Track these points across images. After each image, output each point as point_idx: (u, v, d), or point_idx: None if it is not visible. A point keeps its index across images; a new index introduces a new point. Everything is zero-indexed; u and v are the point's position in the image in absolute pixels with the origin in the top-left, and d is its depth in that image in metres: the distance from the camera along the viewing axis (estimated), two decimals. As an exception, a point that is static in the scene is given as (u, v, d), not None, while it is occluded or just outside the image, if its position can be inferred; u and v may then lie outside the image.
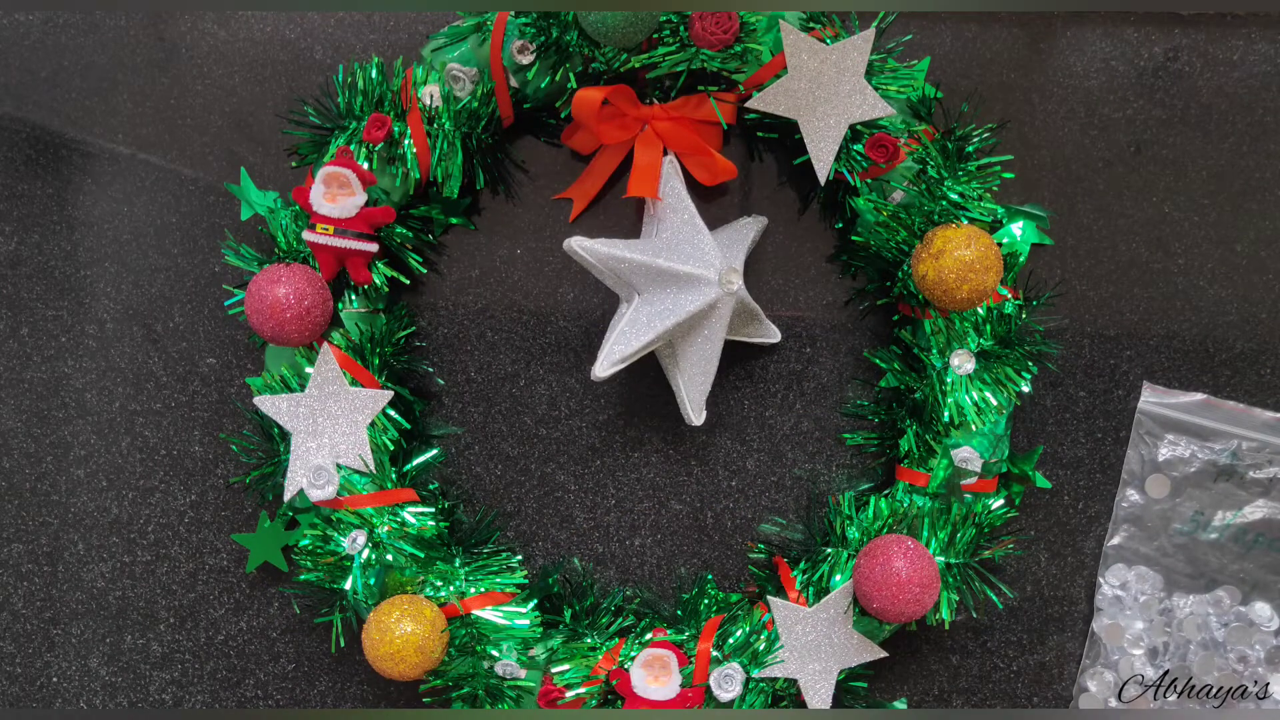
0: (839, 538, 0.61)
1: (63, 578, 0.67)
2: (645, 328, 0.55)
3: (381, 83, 0.58)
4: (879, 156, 0.56)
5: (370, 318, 0.60)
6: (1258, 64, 0.63)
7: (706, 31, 0.55)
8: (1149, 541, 0.64)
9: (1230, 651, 0.63)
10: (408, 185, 0.59)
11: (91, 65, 0.66)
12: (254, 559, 0.64)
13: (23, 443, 0.67)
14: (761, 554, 0.64)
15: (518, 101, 0.60)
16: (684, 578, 0.65)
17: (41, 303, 0.67)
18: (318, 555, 0.59)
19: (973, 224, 0.57)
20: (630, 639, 0.60)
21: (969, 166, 0.58)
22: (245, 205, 0.63)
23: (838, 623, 0.59)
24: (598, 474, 0.66)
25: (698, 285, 0.55)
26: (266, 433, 0.61)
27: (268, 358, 0.61)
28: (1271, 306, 0.64)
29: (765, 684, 0.59)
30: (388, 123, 0.57)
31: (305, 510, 0.61)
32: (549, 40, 0.56)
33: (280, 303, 0.56)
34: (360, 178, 0.56)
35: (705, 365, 0.58)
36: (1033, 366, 0.59)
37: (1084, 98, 0.64)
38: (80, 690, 0.67)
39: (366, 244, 0.57)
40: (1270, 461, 0.63)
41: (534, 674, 0.59)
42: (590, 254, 0.55)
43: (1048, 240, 0.64)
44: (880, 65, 0.57)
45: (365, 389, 0.59)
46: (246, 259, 0.61)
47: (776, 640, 0.59)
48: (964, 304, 0.55)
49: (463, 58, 0.58)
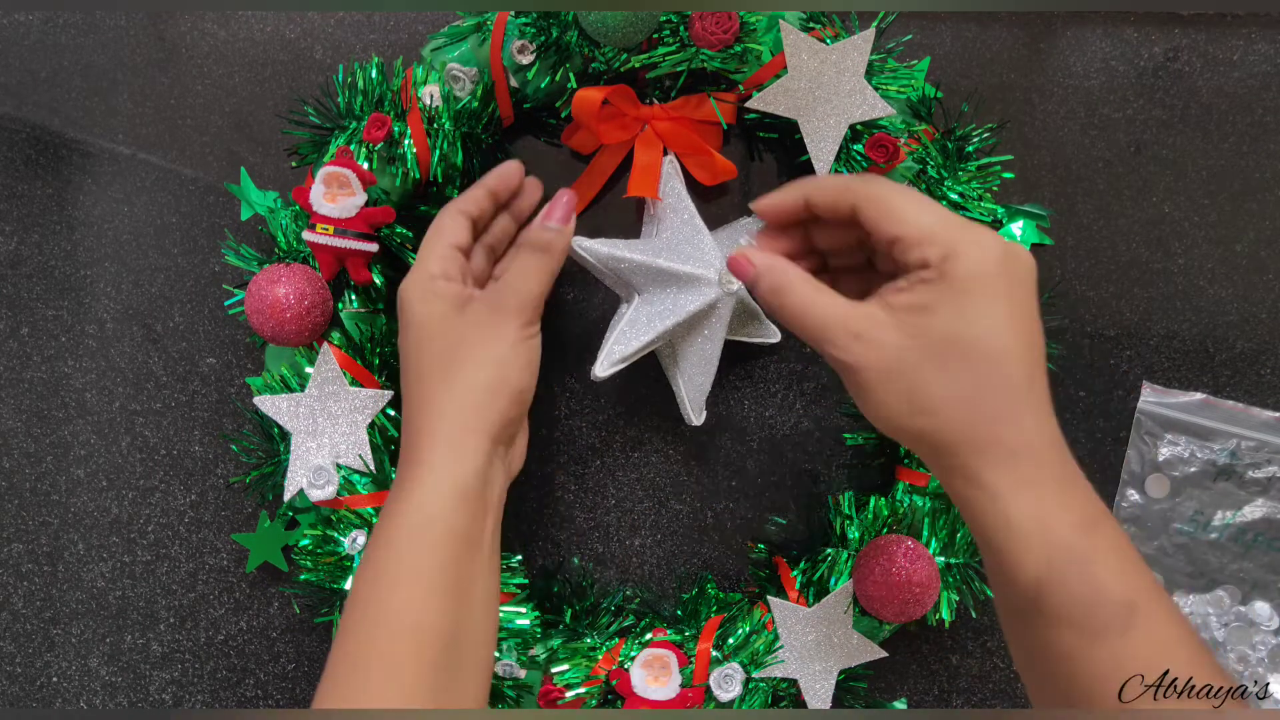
0: (839, 538, 0.61)
1: (63, 578, 0.67)
2: (645, 328, 0.55)
3: (381, 83, 0.58)
4: (879, 157, 0.56)
5: (370, 317, 0.60)
6: (1258, 64, 0.63)
7: (706, 31, 0.55)
8: (1149, 541, 0.64)
9: (1230, 651, 0.63)
10: (407, 185, 0.59)
11: (91, 65, 0.66)
12: (254, 559, 0.64)
13: (23, 443, 0.67)
14: (761, 554, 0.64)
15: (517, 101, 0.60)
16: (684, 577, 0.65)
17: (41, 303, 0.67)
18: (318, 555, 0.59)
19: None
20: (630, 639, 0.60)
21: (969, 166, 0.58)
22: (245, 205, 0.63)
23: (838, 623, 0.59)
24: (598, 474, 0.66)
25: (698, 285, 0.55)
26: (266, 433, 0.61)
27: (268, 357, 0.61)
28: (1271, 306, 0.64)
29: (765, 684, 0.59)
30: (388, 122, 0.57)
31: (305, 510, 0.61)
32: (549, 40, 0.56)
33: (280, 302, 0.56)
34: (360, 178, 0.56)
35: (705, 365, 0.58)
36: None
37: (1084, 98, 0.64)
38: (80, 690, 0.67)
39: (366, 244, 0.57)
40: (1269, 461, 0.63)
41: (534, 674, 0.59)
42: (590, 254, 0.55)
43: (1047, 240, 0.64)
44: (880, 65, 0.57)
45: (365, 389, 0.59)
46: (246, 259, 0.61)
47: (776, 640, 0.59)
48: None
49: (463, 58, 0.58)
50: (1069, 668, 0.41)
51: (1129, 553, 0.42)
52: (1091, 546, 0.41)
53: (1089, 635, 0.40)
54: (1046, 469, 0.42)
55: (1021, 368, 0.42)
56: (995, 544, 0.42)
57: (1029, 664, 0.44)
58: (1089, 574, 0.40)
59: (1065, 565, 0.41)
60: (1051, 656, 0.42)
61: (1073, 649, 0.41)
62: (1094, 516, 0.42)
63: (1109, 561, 0.41)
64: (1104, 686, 0.40)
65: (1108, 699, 0.40)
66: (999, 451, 0.42)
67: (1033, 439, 0.42)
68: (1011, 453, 0.42)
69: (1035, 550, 0.41)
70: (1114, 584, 0.40)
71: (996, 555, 0.43)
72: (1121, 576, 0.41)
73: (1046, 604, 0.41)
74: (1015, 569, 0.42)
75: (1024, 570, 0.41)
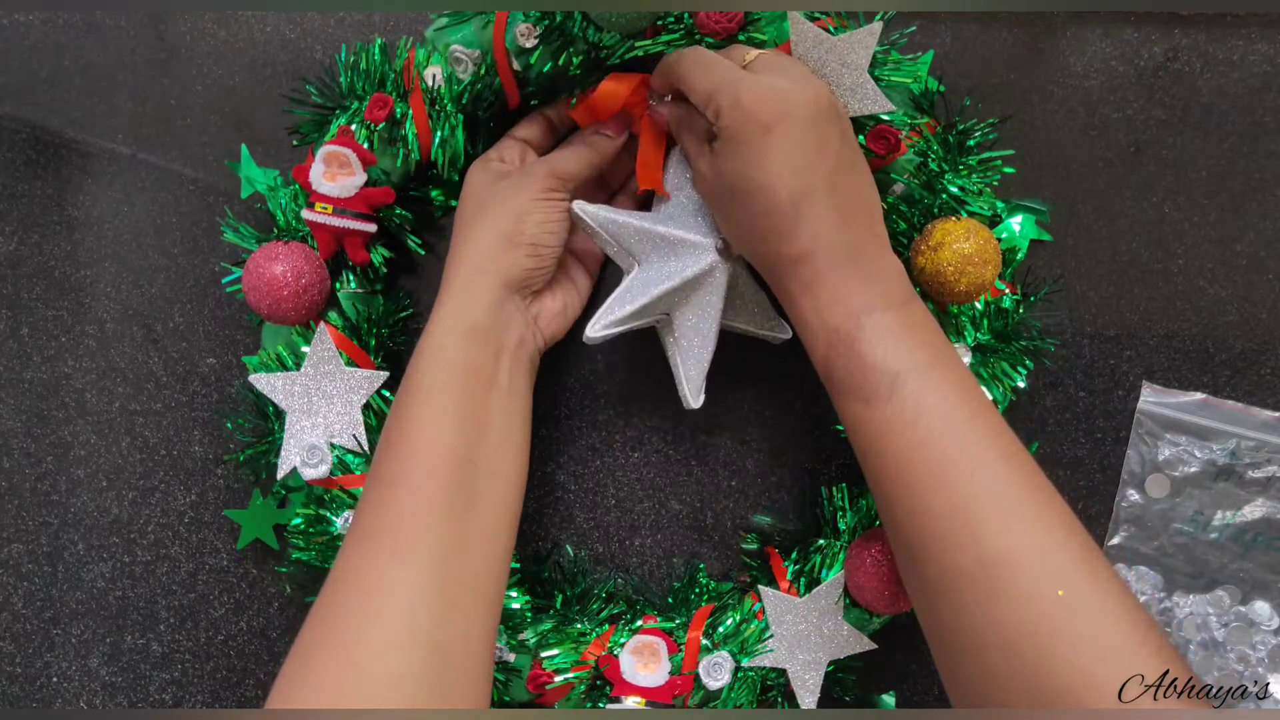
0: (831, 529, 0.61)
1: (63, 578, 0.67)
2: (641, 292, 0.55)
3: (384, 63, 0.58)
4: (880, 148, 0.56)
5: (367, 298, 0.60)
6: (1258, 64, 0.63)
7: (711, 20, 0.55)
8: (1149, 541, 0.64)
9: (1230, 651, 0.64)
10: (408, 166, 0.58)
11: (91, 65, 0.66)
12: (245, 535, 0.64)
13: (23, 443, 0.67)
14: (754, 544, 0.64)
15: (520, 84, 0.60)
16: (676, 566, 0.65)
17: (41, 303, 0.67)
18: (309, 535, 0.59)
19: (972, 218, 0.57)
20: (620, 625, 0.60)
21: (970, 160, 0.58)
22: (245, 183, 0.63)
23: (828, 614, 0.59)
24: (598, 474, 0.66)
25: (695, 251, 0.55)
26: (261, 410, 0.61)
27: (264, 336, 0.61)
28: (1271, 306, 0.64)
29: (754, 673, 0.59)
30: (389, 103, 0.57)
31: (297, 489, 0.61)
32: (553, 25, 0.56)
33: (277, 280, 0.56)
34: (360, 157, 0.56)
35: (702, 339, 0.57)
36: (1029, 362, 0.59)
37: (1084, 98, 0.64)
38: (80, 690, 0.67)
39: (365, 224, 0.58)
40: (1269, 460, 0.63)
41: (523, 658, 0.59)
42: (591, 218, 0.55)
43: (1047, 236, 0.64)
44: (884, 58, 0.57)
45: (361, 369, 0.59)
46: (245, 236, 0.61)
47: (766, 630, 0.59)
48: (962, 297, 0.55)
49: (465, 40, 0.57)
50: (855, 431, 0.50)
51: (905, 332, 0.49)
52: (860, 329, 0.48)
53: (862, 401, 0.48)
54: (824, 272, 0.49)
55: (785, 194, 0.49)
56: (801, 339, 0.52)
57: (851, 444, 0.51)
58: (856, 352, 0.48)
59: (839, 346, 0.49)
60: (847, 425, 0.50)
61: (856, 416, 0.49)
62: (871, 303, 0.49)
63: (875, 340, 0.48)
64: (878, 445, 0.48)
65: (885, 453, 0.48)
66: (783, 263, 0.50)
67: (809, 247, 0.49)
68: (791, 261, 0.50)
69: (820, 337, 0.50)
70: (878, 358, 0.48)
71: (807, 349, 0.52)
72: (887, 351, 0.48)
73: (831, 380, 0.50)
74: (812, 355, 0.51)
75: (815, 356, 0.51)
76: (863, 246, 0.50)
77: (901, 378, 0.47)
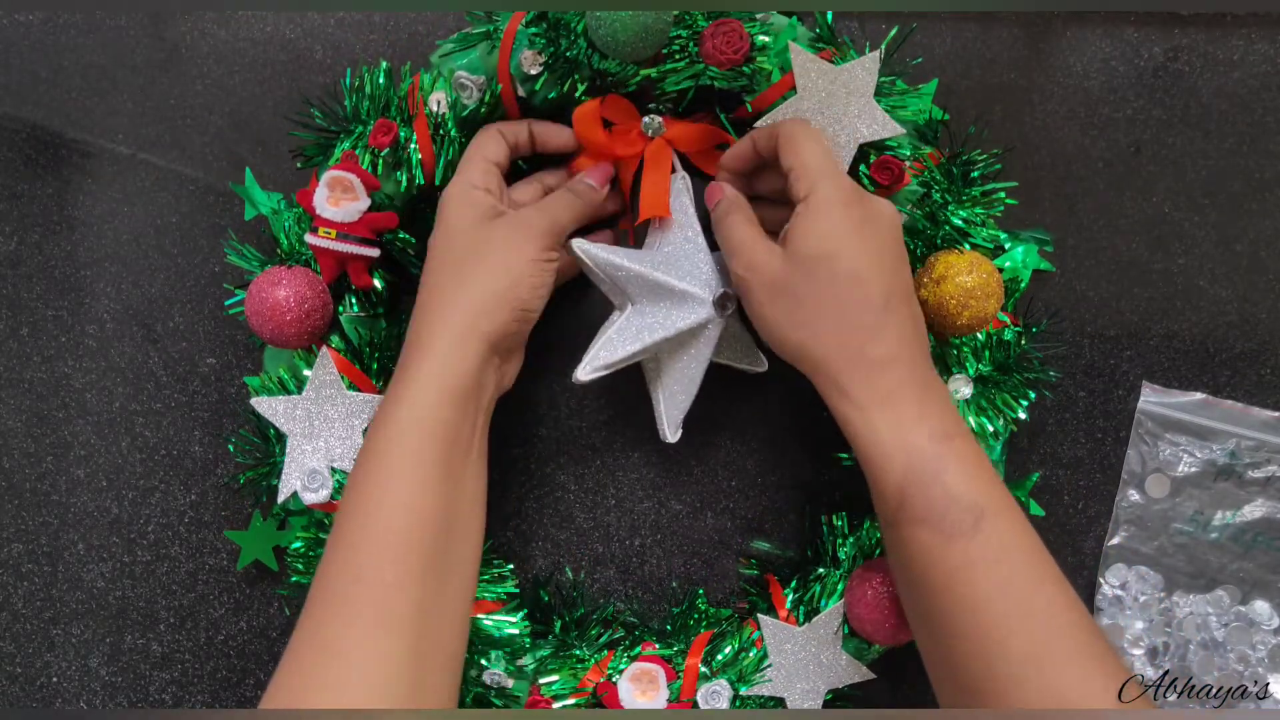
0: (831, 558, 0.61)
1: (63, 578, 0.67)
2: (633, 338, 0.55)
3: (389, 88, 0.58)
4: (883, 178, 0.56)
5: (370, 322, 0.60)
6: (1258, 64, 0.63)
7: (717, 50, 0.55)
8: (1149, 541, 0.64)
9: (1230, 651, 0.63)
10: (411, 190, 0.58)
11: (91, 65, 0.66)
12: (245, 556, 0.64)
13: (23, 443, 0.67)
14: (753, 570, 0.64)
15: (525, 111, 0.60)
16: (675, 591, 0.65)
17: (41, 303, 0.67)
18: (310, 559, 0.59)
19: (975, 250, 0.56)
20: (619, 652, 0.60)
21: (973, 191, 0.57)
22: (249, 205, 0.63)
23: (827, 644, 0.59)
24: (598, 474, 0.66)
25: (691, 303, 0.55)
26: (263, 433, 0.61)
27: (266, 359, 0.61)
28: (1271, 306, 0.64)
29: (752, 702, 0.59)
30: (394, 129, 0.57)
31: (298, 513, 0.61)
32: (558, 52, 0.56)
33: (280, 305, 0.56)
34: (364, 183, 0.56)
35: (687, 384, 0.58)
36: (1030, 394, 0.59)
37: (1084, 98, 0.64)
38: (80, 690, 0.67)
39: (368, 249, 0.57)
40: (1269, 460, 0.63)
41: (521, 684, 0.59)
42: (588, 257, 0.55)
43: (1049, 266, 0.63)
44: (889, 87, 0.56)
45: (362, 394, 0.59)
46: (248, 259, 0.61)
47: (765, 658, 0.59)
48: (964, 330, 0.55)
49: (471, 66, 0.58)
50: (925, 563, 0.46)
51: (982, 463, 0.47)
52: (945, 455, 0.46)
53: (943, 535, 0.45)
54: (908, 383, 0.47)
55: (878, 289, 0.48)
56: (865, 453, 0.48)
57: (899, 565, 0.49)
58: (943, 480, 0.45)
59: (922, 471, 0.46)
60: (914, 554, 0.47)
61: (929, 547, 0.46)
62: (949, 429, 0.47)
63: (961, 470, 0.46)
64: (950, 581, 0.45)
65: (957, 590, 0.45)
66: (864, 364, 0.47)
67: (895, 352, 0.47)
68: (875, 365, 0.47)
69: (897, 457, 0.46)
70: (964, 490, 0.45)
71: (867, 464, 0.48)
72: (971, 484, 0.46)
73: (907, 506, 0.46)
74: (882, 475, 0.47)
75: (889, 476, 0.47)
76: (931, 365, 0.49)
77: (986, 515, 0.45)
